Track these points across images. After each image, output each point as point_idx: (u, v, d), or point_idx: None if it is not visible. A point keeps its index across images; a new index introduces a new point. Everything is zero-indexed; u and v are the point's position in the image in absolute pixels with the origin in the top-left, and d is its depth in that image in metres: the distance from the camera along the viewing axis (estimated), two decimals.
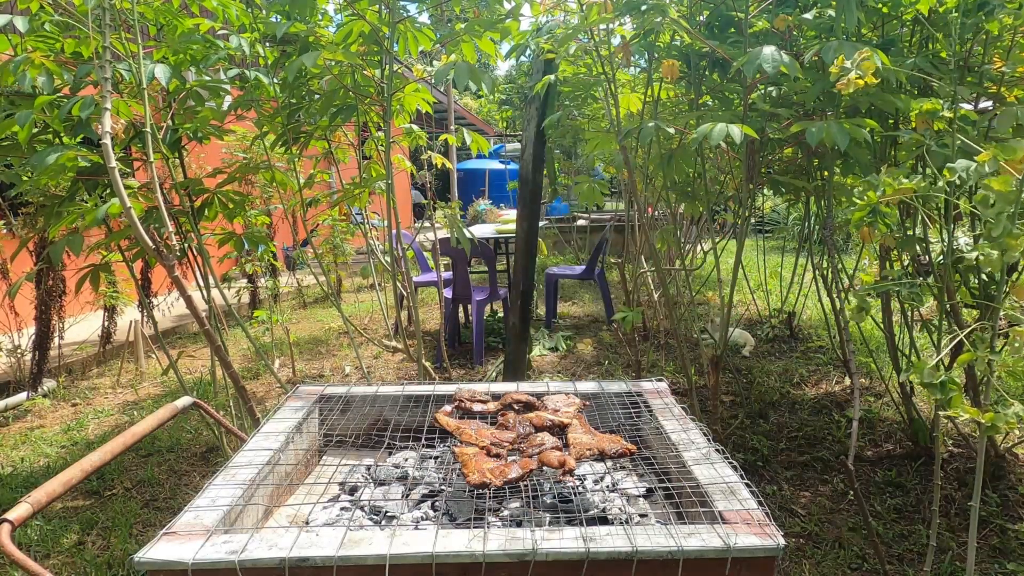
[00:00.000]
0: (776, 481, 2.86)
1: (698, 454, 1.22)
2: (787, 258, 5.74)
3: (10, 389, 4.33)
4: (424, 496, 1.24)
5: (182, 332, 5.98)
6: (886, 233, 2.03)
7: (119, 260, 2.69)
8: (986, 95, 2.33)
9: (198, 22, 2.37)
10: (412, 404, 1.57)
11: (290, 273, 7.39)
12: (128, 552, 2.44)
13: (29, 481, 3.10)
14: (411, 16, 2.50)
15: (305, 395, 1.55)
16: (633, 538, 0.94)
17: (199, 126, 2.42)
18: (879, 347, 4.31)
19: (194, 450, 3.44)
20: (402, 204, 12.51)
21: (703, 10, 2.55)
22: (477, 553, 0.91)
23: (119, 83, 2.23)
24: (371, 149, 3.36)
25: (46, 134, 2.32)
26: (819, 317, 4.86)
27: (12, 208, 4.24)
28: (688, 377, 3.02)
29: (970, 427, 3.01)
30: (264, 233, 2.90)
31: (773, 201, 5.87)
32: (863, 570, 2.27)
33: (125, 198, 1.96)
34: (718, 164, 3.33)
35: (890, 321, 2.84)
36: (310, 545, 0.93)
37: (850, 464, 2.00)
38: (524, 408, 1.40)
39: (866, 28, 2.41)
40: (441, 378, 3.77)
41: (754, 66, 1.92)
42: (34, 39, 2.19)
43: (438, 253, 3.82)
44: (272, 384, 4.46)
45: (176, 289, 2.15)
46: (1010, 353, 1.44)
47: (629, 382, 1.62)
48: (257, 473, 1.16)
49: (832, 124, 1.89)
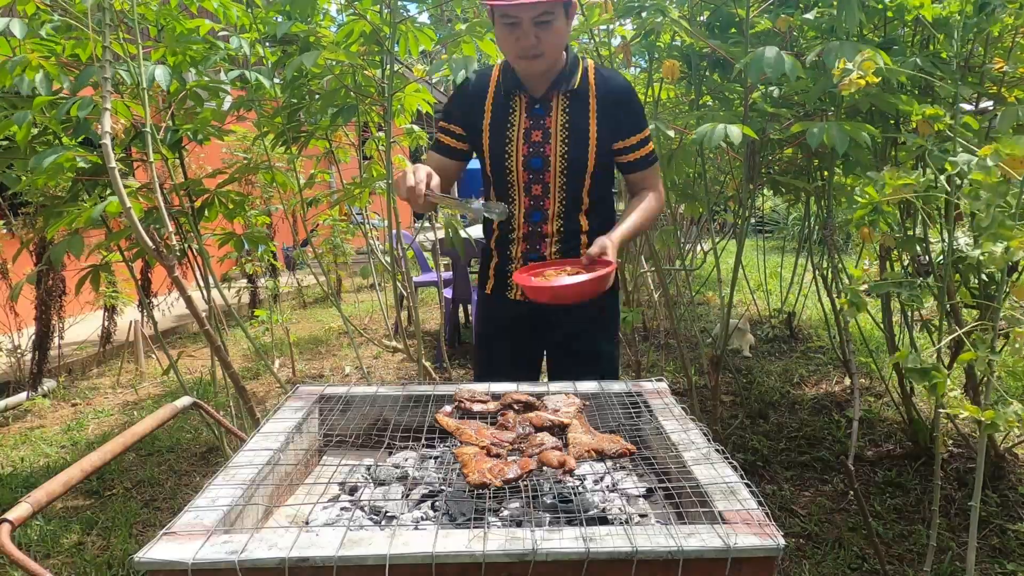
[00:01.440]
0: (776, 481, 2.86)
1: (698, 454, 1.22)
2: (787, 258, 5.74)
3: (10, 389, 4.33)
4: (424, 496, 1.24)
5: (182, 332, 5.98)
6: (886, 233, 2.03)
7: (119, 260, 2.70)
8: (987, 95, 2.34)
9: (198, 23, 2.37)
10: (412, 404, 1.57)
11: (290, 273, 7.39)
12: (128, 552, 2.45)
13: (29, 481, 3.10)
14: (412, 16, 2.50)
15: (305, 395, 1.55)
16: (633, 538, 0.93)
17: (199, 127, 2.42)
18: (879, 347, 4.31)
19: (194, 450, 3.44)
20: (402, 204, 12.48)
21: (704, 10, 2.55)
22: (477, 553, 0.91)
23: (119, 84, 2.22)
24: (371, 149, 3.36)
25: (46, 135, 2.32)
26: (819, 317, 4.86)
27: (12, 209, 4.24)
28: (688, 377, 3.02)
29: (970, 427, 3.01)
30: (264, 233, 2.90)
31: (773, 201, 5.87)
32: (863, 570, 2.27)
33: (125, 198, 1.96)
34: (718, 164, 3.33)
35: (890, 321, 2.84)
36: (310, 545, 0.93)
37: (850, 464, 2.00)
38: (524, 408, 1.40)
39: (867, 28, 2.41)
40: (441, 378, 3.77)
41: (757, 68, 1.92)
42: (33, 43, 2.19)
43: (438, 253, 3.82)
44: (272, 384, 4.46)
45: (176, 289, 2.16)
46: (1010, 353, 1.44)
47: (629, 382, 1.62)
48: (257, 473, 1.16)
49: (833, 126, 1.89)
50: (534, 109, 1.78)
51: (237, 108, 2.65)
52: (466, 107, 1.84)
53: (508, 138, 1.79)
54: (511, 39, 1.66)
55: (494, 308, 1.96)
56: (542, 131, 1.77)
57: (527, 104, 1.78)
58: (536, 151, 1.78)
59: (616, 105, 1.78)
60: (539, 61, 1.69)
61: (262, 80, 2.49)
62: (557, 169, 1.78)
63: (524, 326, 1.92)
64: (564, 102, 1.77)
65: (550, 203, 1.81)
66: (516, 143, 1.78)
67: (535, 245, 1.85)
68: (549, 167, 1.78)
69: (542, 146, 1.77)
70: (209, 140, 2.56)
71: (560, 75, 1.76)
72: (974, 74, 2.24)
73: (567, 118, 1.77)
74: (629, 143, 1.81)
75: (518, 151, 1.78)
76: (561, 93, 1.77)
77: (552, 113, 1.78)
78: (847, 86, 1.57)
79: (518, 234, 1.85)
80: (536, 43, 1.64)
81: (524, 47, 1.65)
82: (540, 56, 1.67)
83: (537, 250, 1.84)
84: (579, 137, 1.76)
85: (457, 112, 1.86)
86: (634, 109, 1.81)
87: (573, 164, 1.78)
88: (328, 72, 2.55)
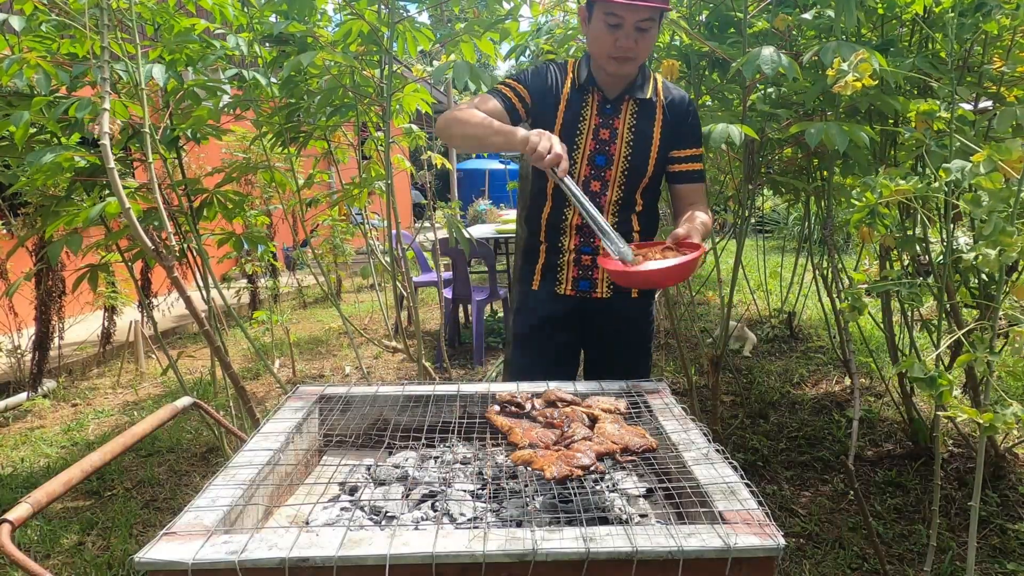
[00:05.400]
0: (776, 481, 2.86)
1: (698, 454, 1.22)
2: (787, 258, 5.75)
3: (10, 389, 4.33)
4: (424, 496, 1.24)
5: (182, 332, 5.98)
6: (886, 233, 2.03)
7: (118, 261, 2.69)
8: (986, 95, 2.33)
9: (194, 22, 2.37)
10: (412, 404, 1.57)
11: (290, 273, 7.39)
12: (128, 552, 2.44)
13: (29, 481, 3.10)
14: (410, 16, 2.49)
15: (305, 395, 1.55)
16: (633, 538, 0.94)
17: (195, 125, 2.42)
18: (879, 347, 4.31)
19: (194, 450, 3.44)
20: (402, 204, 12.51)
21: (703, 10, 2.55)
22: (477, 553, 0.91)
23: (116, 83, 2.22)
24: (371, 149, 3.36)
25: (44, 134, 2.32)
26: (819, 317, 4.86)
27: (12, 209, 4.24)
28: (688, 377, 3.02)
29: (970, 427, 3.01)
30: (264, 233, 2.90)
31: (773, 201, 5.87)
32: (863, 570, 2.27)
33: (124, 198, 1.96)
34: (718, 164, 3.33)
35: (890, 321, 2.84)
36: (310, 545, 0.93)
37: (850, 464, 2.00)
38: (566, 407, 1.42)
39: (865, 28, 2.41)
40: (441, 378, 3.77)
41: (753, 67, 1.92)
42: (31, 39, 2.19)
43: (438, 253, 3.82)
44: (272, 384, 4.46)
45: (176, 289, 2.16)
46: (1010, 353, 1.44)
47: (629, 382, 1.62)
48: (257, 473, 1.16)
49: (832, 126, 1.89)
50: (605, 109, 1.84)
51: (234, 107, 2.65)
52: (543, 87, 1.86)
53: (579, 131, 1.83)
54: (610, 39, 1.70)
55: (541, 303, 1.94)
56: (610, 130, 1.83)
57: (599, 103, 1.84)
58: (602, 148, 1.83)
59: (681, 118, 1.86)
60: (630, 64, 1.75)
61: (259, 79, 2.49)
62: (619, 169, 1.84)
63: (573, 321, 1.94)
64: (633, 107, 1.84)
65: (606, 200, 1.85)
66: (585, 137, 1.83)
67: (588, 238, 1.87)
68: (612, 165, 1.84)
69: (608, 144, 1.83)
70: (207, 139, 2.55)
71: (634, 82, 1.83)
72: (972, 74, 2.24)
73: (634, 122, 1.84)
74: (685, 153, 1.89)
75: (586, 145, 1.83)
76: (632, 99, 1.83)
77: (621, 115, 1.84)
78: (843, 87, 1.58)
79: (570, 225, 1.88)
80: (633, 46, 1.70)
81: (622, 48, 1.70)
82: (633, 60, 1.74)
83: (591, 243, 1.87)
84: (643, 142, 1.84)
85: (533, 85, 1.86)
86: (695, 124, 1.90)
87: (634, 166, 1.84)
88: (326, 72, 2.55)
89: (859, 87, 1.57)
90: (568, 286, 1.90)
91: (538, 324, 1.95)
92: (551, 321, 1.93)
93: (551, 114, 1.84)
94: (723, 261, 3.43)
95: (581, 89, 1.84)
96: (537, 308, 1.95)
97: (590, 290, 1.90)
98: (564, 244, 1.89)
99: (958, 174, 1.49)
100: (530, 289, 1.97)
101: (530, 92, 1.85)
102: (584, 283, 1.90)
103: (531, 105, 1.86)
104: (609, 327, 1.94)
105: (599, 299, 1.91)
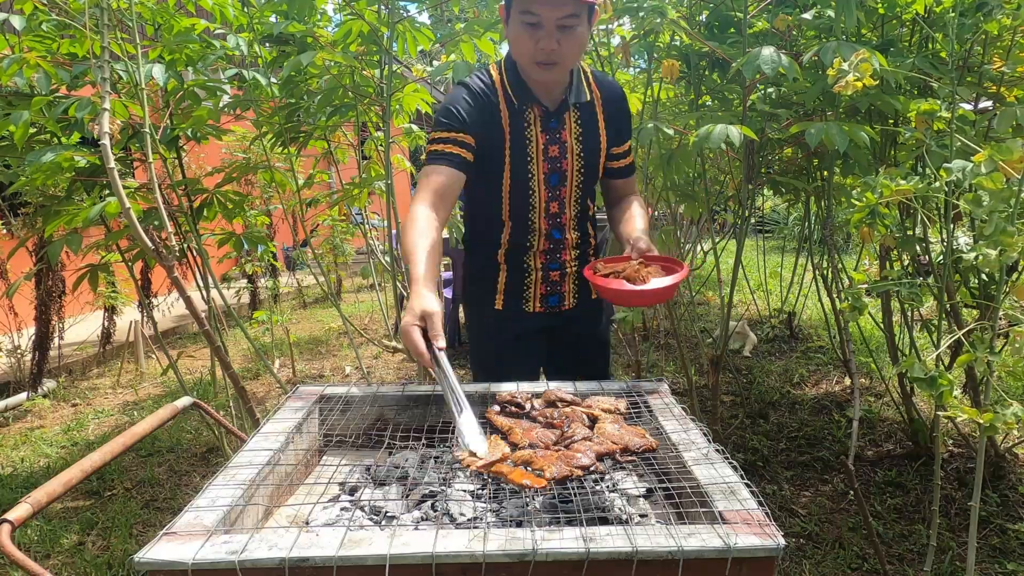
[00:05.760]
0: (776, 481, 2.86)
1: (698, 454, 1.22)
2: (787, 258, 5.75)
3: (10, 389, 4.33)
4: (424, 496, 1.24)
5: (182, 332, 5.98)
6: (886, 233, 2.03)
7: (118, 260, 2.69)
8: (986, 95, 2.33)
9: (194, 22, 2.37)
10: (412, 404, 1.57)
11: (290, 273, 7.39)
12: (128, 552, 2.44)
13: (29, 481, 3.10)
14: (410, 16, 2.49)
15: (305, 395, 1.55)
16: (633, 538, 0.93)
17: (195, 125, 2.42)
18: (879, 347, 4.31)
19: (194, 450, 3.44)
20: (402, 204, 12.49)
21: (703, 10, 2.55)
22: (477, 553, 0.91)
23: (116, 83, 2.23)
24: (370, 149, 3.36)
25: (44, 134, 2.32)
26: (819, 317, 4.86)
27: (12, 209, 4.24)
28: (688, 377, 3.02)
29: (970, 427, 3.01)
30: (264, 233, 2.90)
31: (773, 201, 5.87)
32: (863, 570, 2.27)
33: (124, 198, 1.96)
34: (718, 164, 3.33)
35: (890, 321, 2.84)
36: (310, 545, 0.93)
37: (850, 464, 2.00)
38: (566, 407, 1.42)
39: (866, 28, 2.41)
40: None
41: (753, 67, 1.92)
42: (31, 39, 2.19)
43: None
44: (272, 384, 4.46)
45: (176, 289, 2.16)
46: (1010, 353, 1.44)
47: (629, 382, 1.62)
48: (257, 473, 1.16)
49: (832, 126, 1.89)
50: (550, 125, 1.68)
51: (234, 107, 2.65)
52: (485, 123, 1.64)
53: (529, 157, 1.68)
54: (530, 41, 1.54)
55: (507, 323, 1.83)
56: (559, 146, 1.69)
57: (542, 119, 1.68)
58: (554, 167, 1.70)
59: (618, 112, 1.76)
60: (555, 70, 1.59)
61: (259, 79, 2.49)
62: (573, 183, 1.73)
63: (540, 338, 1.86)
64: (575, 114, 1.70)
65: (566, 219, 1.77)
66: (536, 162, 1.68)
67: (555, 255, 1.80)
68: (566, 182, 1.72)
69: (559, 161, 1.70)
70: (207, 139, 2.56)
71: (570, 87, 1.67)
72: (973, 74, 2.24)
73: (580, 130, 1.70)
74: (623, 149, 1.80)
75: (539, 170, 1.69)
76: (574, 106, 1.70)
77: (567, 127, 1.70)
78: (844, 87, 1.57)
79: (537, 248, 1.78)
80: (557, 48, 1.53)
81: (544, 51, 1.54)
82: (557, 64, 1.57)
83: (557, 259, 1.81)
84: (592, 148, 1.72)
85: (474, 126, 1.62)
86: (627, 112, 1.80)
87: (587, 177, 1.74)
88: (326, 72, 2.55)
89: (859, 87, 1.57)
90: (537, 303, 1.82)
91: (504, 344, 1.84)
92: (524, 337, 1.83)
93: (499, 153, 1.67)
94: (723, 261, 3.43)
95: (520, 109, 1.66)
96: (504, 328, 1.84)
97: (559, 304, 1.84)
98: (529, 263, 1.79)
99: (958, 174, 1.49)
100: (493, 310, 1.83)
101: (474, 136, 1.62)
102: (553, 298, 1.83)
103: (477, 147, 1.63)
104: (572, 332, 1.88)
105: (566, 310, 1.85)
